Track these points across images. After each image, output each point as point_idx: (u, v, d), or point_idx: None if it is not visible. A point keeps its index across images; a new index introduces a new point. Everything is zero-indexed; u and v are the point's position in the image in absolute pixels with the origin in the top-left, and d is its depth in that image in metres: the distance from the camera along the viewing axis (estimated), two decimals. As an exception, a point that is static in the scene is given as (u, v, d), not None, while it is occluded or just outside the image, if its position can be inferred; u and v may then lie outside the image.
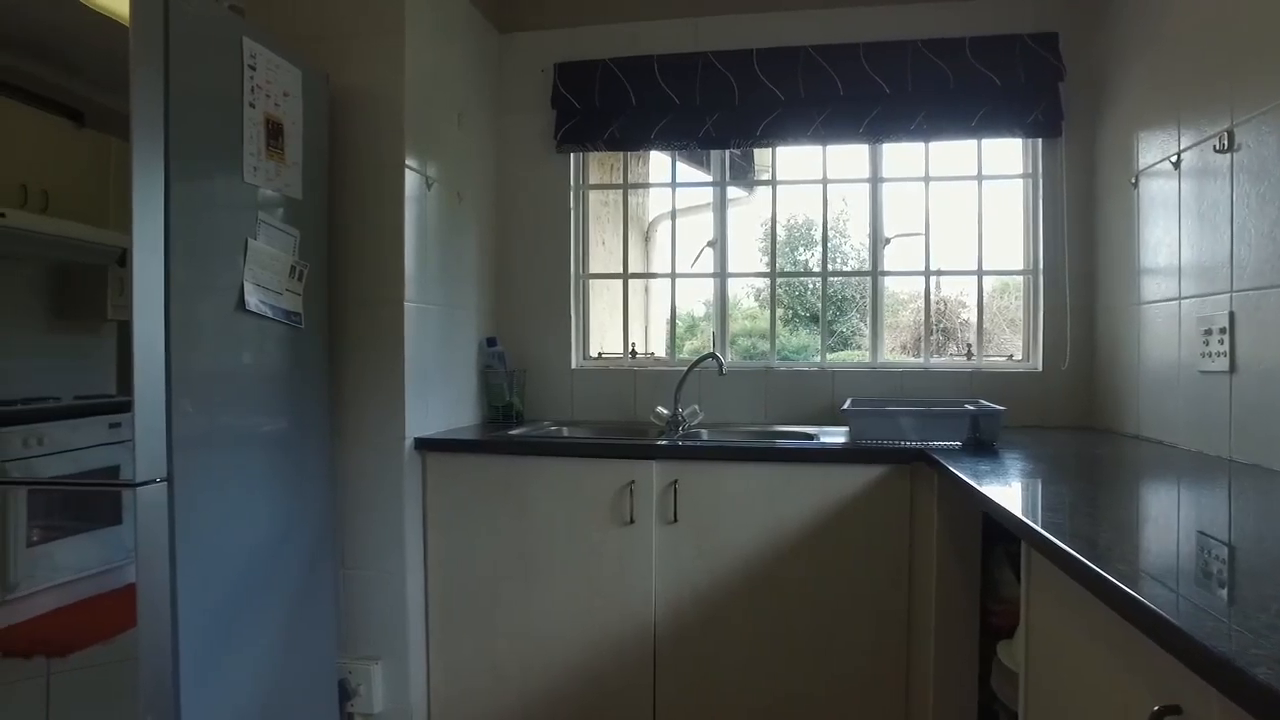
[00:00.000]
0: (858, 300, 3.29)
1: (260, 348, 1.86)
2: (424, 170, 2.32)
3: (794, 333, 3.40)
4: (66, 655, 1.60)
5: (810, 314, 3.67)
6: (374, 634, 2.25)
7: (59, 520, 1.62)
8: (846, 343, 3.14)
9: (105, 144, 1.50)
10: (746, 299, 3.17)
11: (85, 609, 1.58)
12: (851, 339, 3.16)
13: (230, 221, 1.76)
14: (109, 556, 1.55)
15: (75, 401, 1.61)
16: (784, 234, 3.29)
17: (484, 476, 2.28)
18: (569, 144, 2.79)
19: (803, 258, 3.64)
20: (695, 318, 3.09)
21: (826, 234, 2.83)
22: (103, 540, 1.57)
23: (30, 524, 1.59)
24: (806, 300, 3.66)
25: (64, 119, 1.55)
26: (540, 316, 2.86)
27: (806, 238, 3.53)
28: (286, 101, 1.94)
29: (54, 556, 1.61)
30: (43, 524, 1.60)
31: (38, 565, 1.60)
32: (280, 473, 1.93)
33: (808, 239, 3.53)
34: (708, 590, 2.16)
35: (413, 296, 2.26)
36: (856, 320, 3.14)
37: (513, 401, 2.70)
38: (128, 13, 1.47)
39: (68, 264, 1.59)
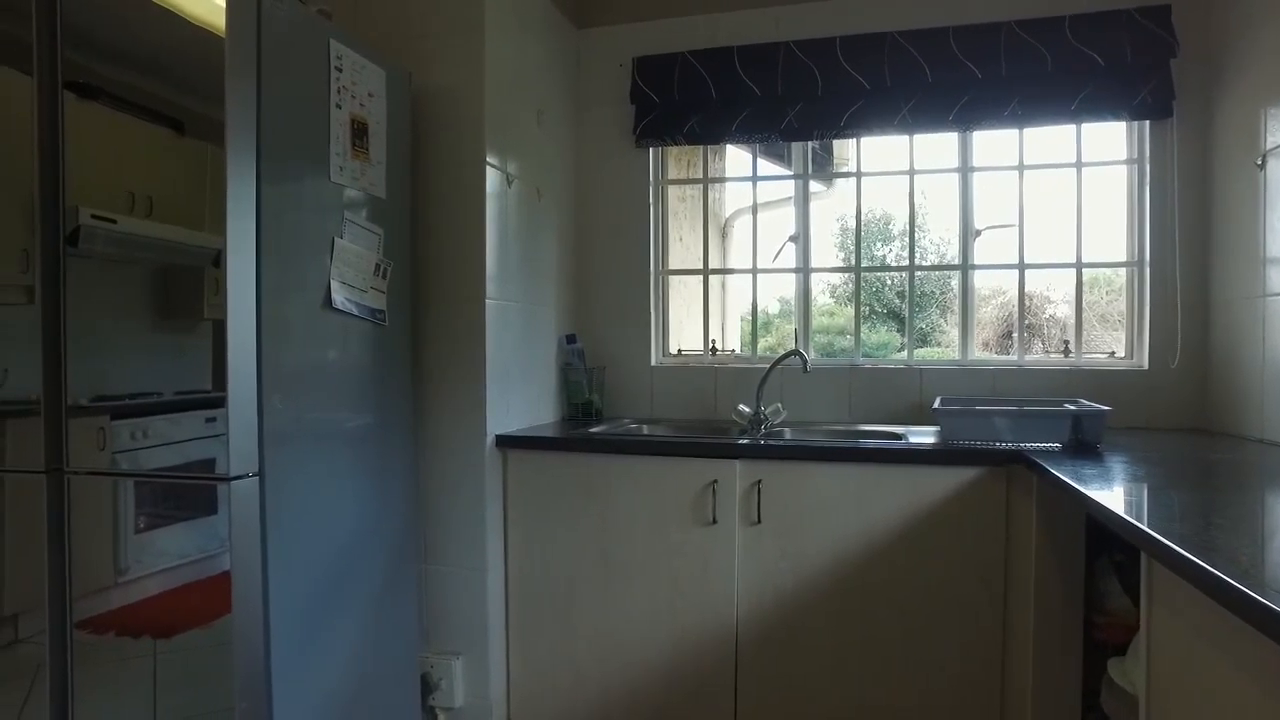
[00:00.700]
0: (937, 296, 3.14)
1: (346, 345, 1.88)
2: (504, 167, 2.31)
3: (872, 329, 3.28)
4: (170, 637, 1.65)
5: (887, 310, 3.54)
6: (455, 629, 2.25)
7: (162, 509, 1.67)
8: (926, 339, 3.02)
9: (203, 151, 1.54)
10: (821, 295, 3.07)
11: (186, 594, 1.63)
12: (931, 335, 3.03)
13: (317, 221, 1.78)
14: (206, 545, 1.59)
15: (175, 397, 1.65)
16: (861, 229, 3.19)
17: (564, 474, 2.25)
18: (648, 139, 2.74)
19: (880, 253, 3.51)
20: (769, 315, 3.00)
21: (914, 227, 2.70)
22: (201, 529, 1.61)
23: (138, 512, 1.65)
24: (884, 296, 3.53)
25: (167, 129, 1.59)
26: (619, 313, 2.82)
27: (884, 233, 3.41)
28: (371, 102, 1.94)
29: (158, 543, 1.66)
30: (149, 512, 1.66)
31: (145, 551, 1.66)
32: (365, 468, 1.94)
33: (884, 234, 3.41)
34: (791, 594, 2.08)
35: (494, 293, 2.25)
36: (936, 316, 3.00)
37: (592, 399, 2.66)
38: (224, 26, 1.52)
39: (169, 266, 1.64)
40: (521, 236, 2.42)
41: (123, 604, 1.65)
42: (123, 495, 1.65)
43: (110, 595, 1.65)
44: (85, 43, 1.63)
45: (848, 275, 3.06)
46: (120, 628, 1.65)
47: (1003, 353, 2.75)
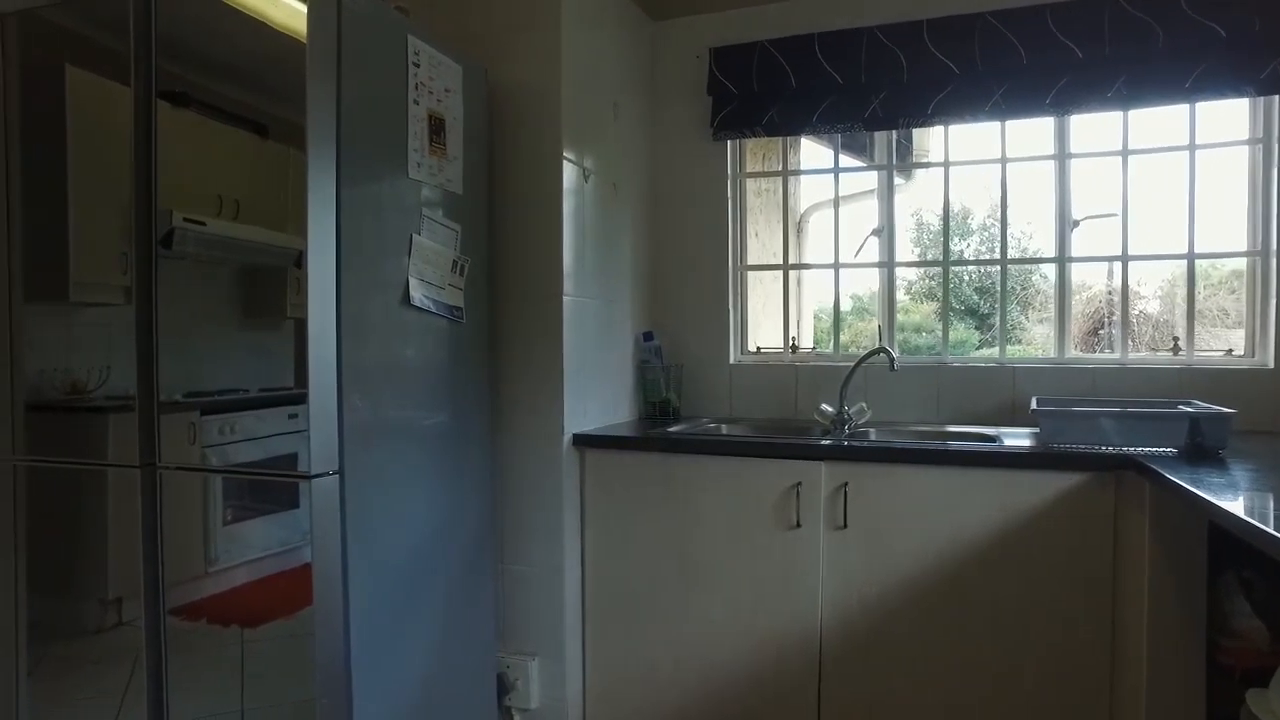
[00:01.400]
0: (1017, 292, 2.98)
1: (423, 342, 1.85)
2: (581, 162, 2.26)
3: (949, 327, 3.12)
4: (256, 626, 1.68)
5: (965, 306, 3.37)
6: (531, 630, 2.21)
7: (249, 502, 1.70)
8: (1008, 337, 2.85)
9: (286, 154, 1.55)
10: (895, 292, 2.90)
11: (270, 585, 1.65)
12: (1012, 333, 2.87)
13: (396, 218, 1.76)
14: (289, 538, 1.60)
15: (260, 394, 1.67)
16: (937, 223, 3.03)
17: (643, 474, 2.19)
18: (726, 131, 2.65)
19: (957, 248, 3.35)
20: (842, 312, 2.87)
21: (1006, 218, 2.53)
22: (284, 522, 1.63)
23: (226, 504, 1.68)
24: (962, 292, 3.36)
25: (252, 133, 1.61)
26: (697, 310, 2.74)
27: (962, 227, 3.25)
28: (448, 98, 1.91)
29: (245, 535, 1.69)
30: (236, 505, 1.69)
31: (232, 542, 1.69)
32: (443, 466, 1.92)
33: (963, 228, 3.25)
34: (878, 601, 1.97)
35: (571, 290, 2.20)
36: (1015, 313, 2.83)
37: (669, 397, 2.59)
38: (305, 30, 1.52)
39: (255, 266, 1.67)
40: (598, 232, 2.37)
41: (213, 593, 1.69)
42: (212, 488, 1.68)
43: (202, 584, 1.69)
44: (178, 53, 1.66)
45: (923, 271, 2.91)
46: (211, 615, 1.69)
47: (1089, 350, 2.56)
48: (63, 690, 1.84)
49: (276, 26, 1.58)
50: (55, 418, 1.83)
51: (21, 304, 1.84)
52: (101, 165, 1.74)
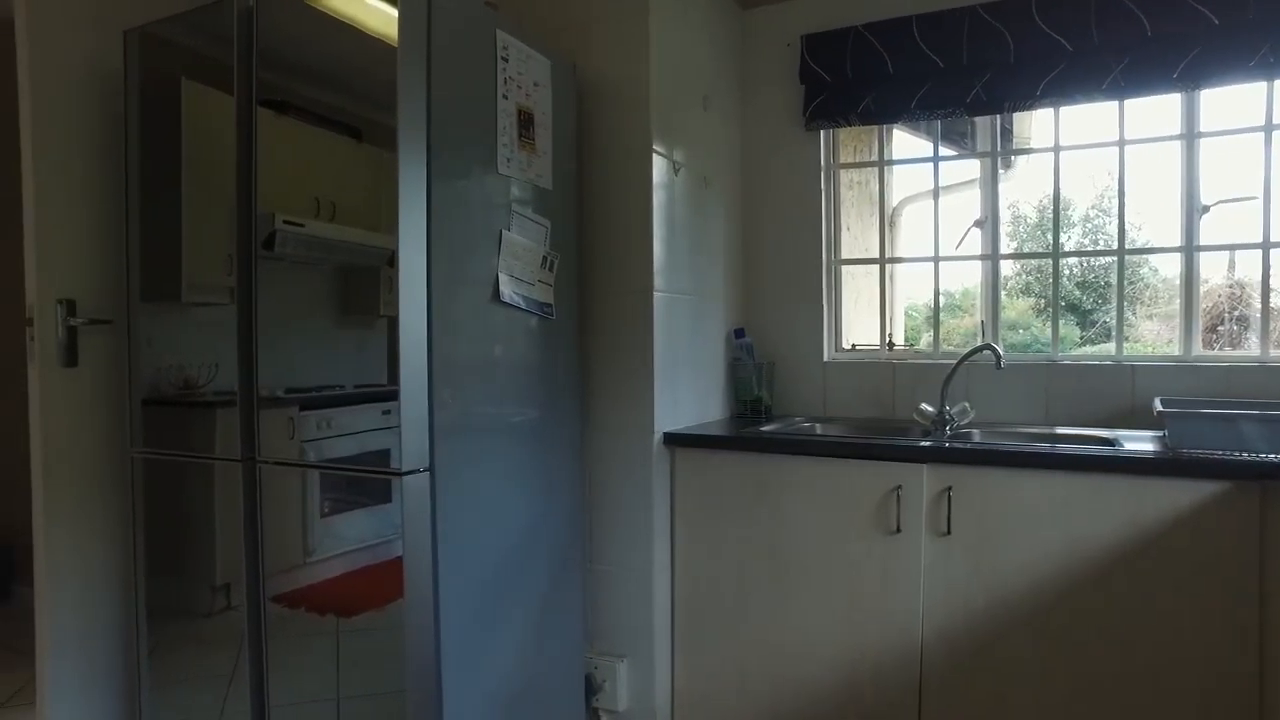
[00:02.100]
0: (1124, 287, 2.74)
1: (513, 339, 1.82)
2: (671, 155, 2.19)
3: (1047, 322, 2.89)
4: (350, 617, 1.69)
5: (1066, 302, 3.14)
6: (619, 631, 2.16)
7: (344, 495, 1.71)
8: (1109, 334, 2.62)
9: (379, 157, 1.56)
10: (1000, 286, 2.70)
11: (364, 576, 1.66)
12: (1114, 331, 2.64)
13: (485, 215, 1.74)
14: (383, 531, 1.60)
15: (355, 390, 1.69)
16: (1034, 215, 2.82)
17: (735, 475, 2.10)
18: (819, 120, 2.53)
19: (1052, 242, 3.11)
20: (932, 309, 2.70)
21: (1123, 205, 2.33)
22: (378, 515, 1.63)
23: (323, 497, 1.70)
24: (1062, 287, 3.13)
25: (347, 137, 1.63)
26: (790, 306, 2.63)
27: (1063, 219, 3.01)
28: (537, 92, 1.88)
29: (340, 527, 1.71)
30: (332, 498, 1.70)
31: (329, 534, 1.71)
32: (532, 463, 1.88)
33: (1064, 220, 3.01)
34: (984, 615, 1.83)
35: (662, 286, 2.13)
36: (1123, 309, 2.59)
37: (761, 396, 2.50)
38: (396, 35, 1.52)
39: (350, 266, 1.68)
40: (689, 227, 2.30)
41: (310, 582, 1.72)
42: (310, 482, 1.70)
43: (300, 574, 1.72)
44: (278, 63, 1.70)
45: (1019, 265, 2.71)
46: (309, 604, 1.72)
47: (1206, 347, 2.33)
48: (178, 668, 1.91)
49: (370, 32, 1.58)
50: (170, 412, 1.89)
51: (139, 304, 1.92)
52: (210, 172, 1.79)
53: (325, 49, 1.69)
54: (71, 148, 1.93)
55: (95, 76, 1.96)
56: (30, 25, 1.84)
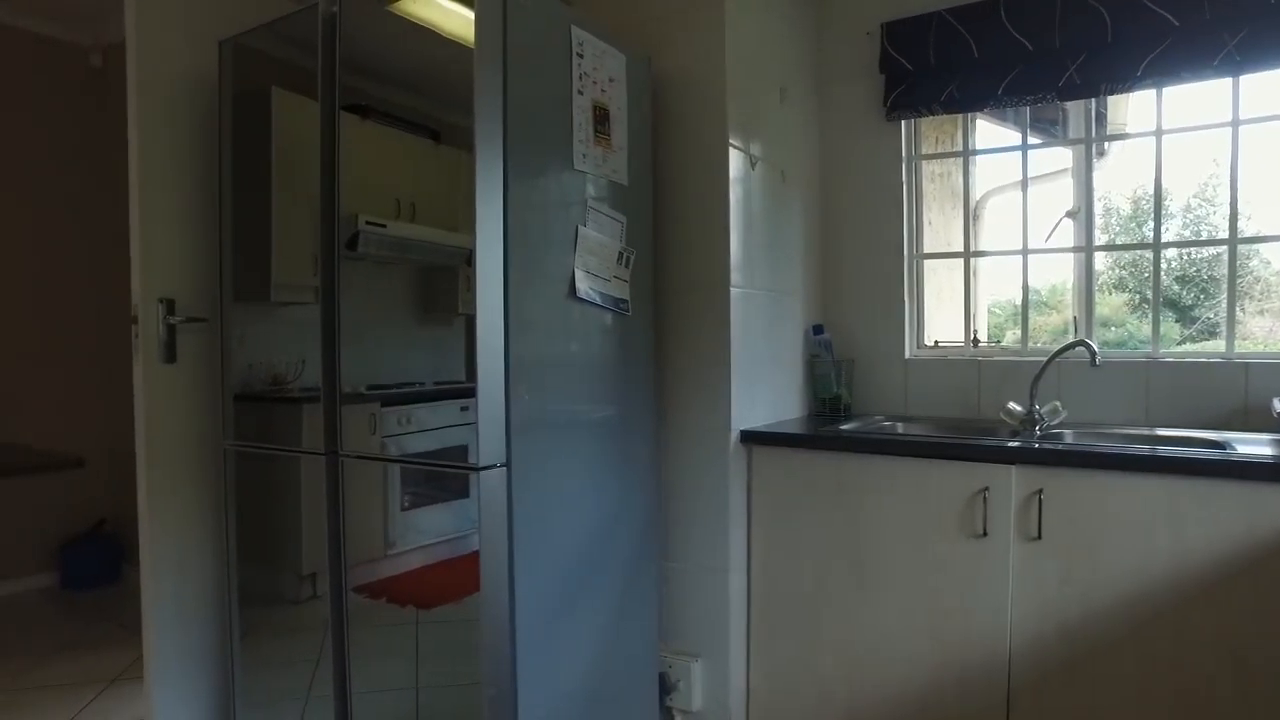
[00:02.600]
0: (1221, 282, 2.54)
1: (589, 335, 1.80)
2: (747, 149, 2.13)
3: (1142, 319, 2.71)
4: (430, 608, 1.71)
5: (1164, 298, 2.93)
6: (694, 630, 2.12)
7: (424, 490, 1.73)
8: (1212, 331, 2.43)
9: (457, 157, 1.57)
10: (1094, 279, 2.53)
11: (443, 570, 1.68)
12: (1219, 327, 2.44)
13: (562, 211, 1.72)
14: (461, 525, 1.61)
15: (433, 387, 1.71)
16: (1128, 207, 2.63)
17: (813, 474, 2.04)
18: (900, 110, 2.44)
19: (1149, 234, 2.90)
20: (1015, 306, 2.56)
21: (1236, 190, 2.16)
22: (456, 510, 1.65)
23: (403, 491, 1.73)
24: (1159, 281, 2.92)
25: (426, 139, 1.65)
26: (870, 302, 2.54)
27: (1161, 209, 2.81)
28: (612, 87, 1.85)
29: (420, 520, 1.73)
30: (412, 492, 1.73)
31: (409, 527, 1.74)
32: (608, 461, 1.86)
33: (1162, 210, 2.81)
34: (1080, 627, 1.72)
35: (739, 281, 2.08)
36: (1222, 306, 2.40)
37: (840, 393, 2.42)
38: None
39: (430, 265, 1.71)
40: (766, 221, 2.24)
41: (391, 574, 1.74)
42: (391, 476, 1.73)
43: (381, 565, 1.75)
44: (360, 68, 1.73)
45: (1112, 259, 2.54)
46: (390, 595, 1.74)
47: None
48: (269, 652, 1.97)
49: (447, 35, 1.60)
50: (260, 407, 1.95)
51: (231, 304, 1.98)
52: (297, 175, 1.82)
53: (405, 53, 1.71)
54: (169, 154, 2.00)
55: (191, 86, 2.03)
56: (138, 40, 1.92)
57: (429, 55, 1.65)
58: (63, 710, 2.46)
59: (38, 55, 3.66)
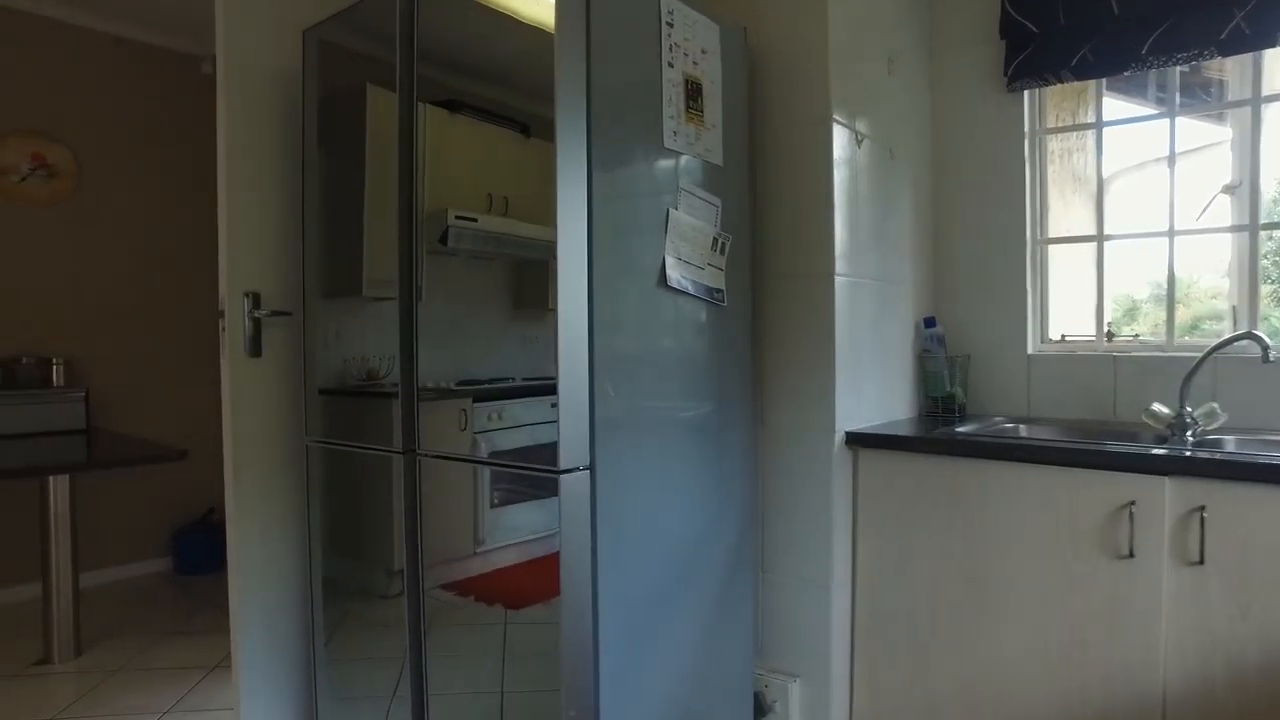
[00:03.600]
0: None
1: (680, 328, 1.64)
2: (853, 125, 1.92)
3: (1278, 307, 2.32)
4: (518, 609, 1.62)
5: None
6: (792, 648, 1.92)
7: (514, 487, 1.65)
8: None
9: (546, 150, 1.47)
10: (1206, 275, 2.18)
11: (531, 570, 1.59)
12: None
13: (651, 195, 1.57)
14: (552, 523, 1.50)
15: (523, 382, 1.63)
16: (1276, 187, 2.26)
17: (928, 481, 1.81)
18: (1023, 79, 2.16)
19: None
20: (1134, 299, 2.24)
21: None
22: (547, 508, 1.53)
23: (493, 488, 1.65)
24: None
25: (516, 132, 1.59)
26: (987, 292, 2.26)
27: None
28: (704, 59, 1.67)
29: (510, 518, 1.66)
30: (503, 489, 1.65)
31: (498, 525, 1.66)
32: (701, 461, 1.70)
33: None
34: (1257, 670, 1.44)
35: (844, 270, 1.86)
36: None
37: (954, 392, 2.16)
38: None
39: (522, 260, 1.65)
40: (873, 203, 2.01)
41: (481, 572, 1.67)
42: (481, 472, 1.65)
43: (471, 563, 1.68)
44: (447, 62, 1.66)
45: (1241, 242, 2.15)
46: (478, 594, 1.67)
47: None
48: (356, 647, 1.92)
49: (528, 21, 1.50)
50: (345, 402, 1.90)
51: (319, 298, 1.92)
52: (389, 170, 1.76)
53: (490, 44, 1.62)
54: (257, 148, 1.96)
55: (279, 79, 1.98)
56: (226, 33, 1.87)
57: (513, 45, 1.56)
58: (169, 694, 2.49)
59: (151, 66, 3.78)
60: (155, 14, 3.62)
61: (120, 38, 3.69)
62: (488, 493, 1.65)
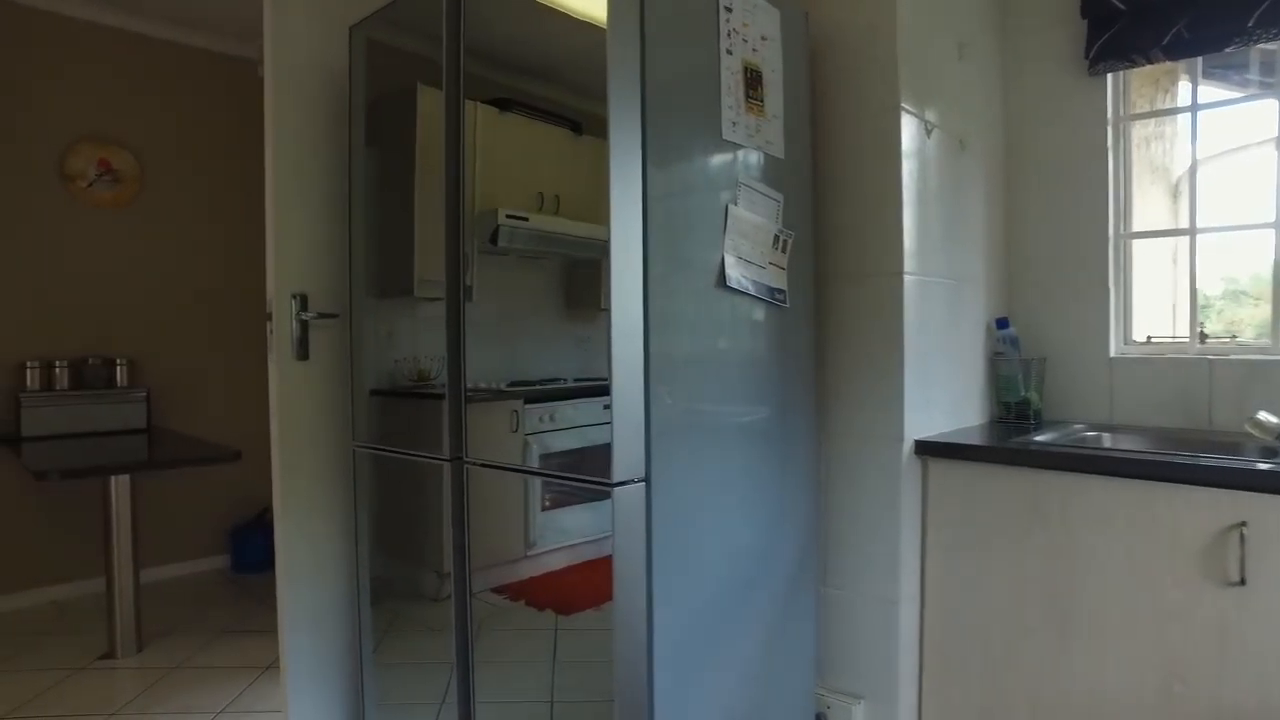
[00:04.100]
0: None
1: (739, 330, 1.54)
2: (922, 114, 1.78)
3: None
4: (569, 614, 1.58)
5: None
6: (857, 667, 1.80)
7: (565, 489, 1.61)
8: None
9: (597, 147, 1.43)
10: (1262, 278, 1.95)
11: (582, 573, 1.54)
12: None
13: (709, 191, 1.48)
14: (604, 527, 1.43)
15: (575, 384, 1.58)
16: None
17: (1004, 494, 1.67)
18: (1107, 61, 1.99)
19: None
20: (1206, 296, 2.03)
21: None
22: (599, 511, 1.47)
23: (544, 491, 1.62)
24: None
25: (567, 129, 1.54)
26: (1064, 290, 2.09)
27: None
28: (764, 46, 1.56)
29: (561, 521, 1.61)
30: (554, 490, 1.62)
31: (549, 527, 1.62)
32: (761, 471, 1.60)
33: None
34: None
35: (912, 268, 1.73)
36: None
37: (1029, 397, 2.01)
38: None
39: (574, 260, 1.60)
40: (943, 197, 1.87)
41: (531, 576, 1.64)
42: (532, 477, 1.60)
43: (521, 566, 1.64)
44: (494, 58, 1.62)
45: None
46: (529, 598, 1.63)
47: None
48: (404, 651, 1.88)
49: (579, 16, 1.43)
50: (393, 404, 1.86)
51: (365, 299, 1.88)
52: (437, 170, 1.71)
53: (538, 38, 1.57)
54: (305, 147, 1.92)
55: (324, 76, 1.93)
56: (274, 31, 1.84)
57: (563, 39, 1.50)
58: (224, 693, 2.49)
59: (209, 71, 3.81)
60: (212, 19, 3.65)
61: (179, 44, 3.73)
62: (538, 495, 1.61)
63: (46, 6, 3.36)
